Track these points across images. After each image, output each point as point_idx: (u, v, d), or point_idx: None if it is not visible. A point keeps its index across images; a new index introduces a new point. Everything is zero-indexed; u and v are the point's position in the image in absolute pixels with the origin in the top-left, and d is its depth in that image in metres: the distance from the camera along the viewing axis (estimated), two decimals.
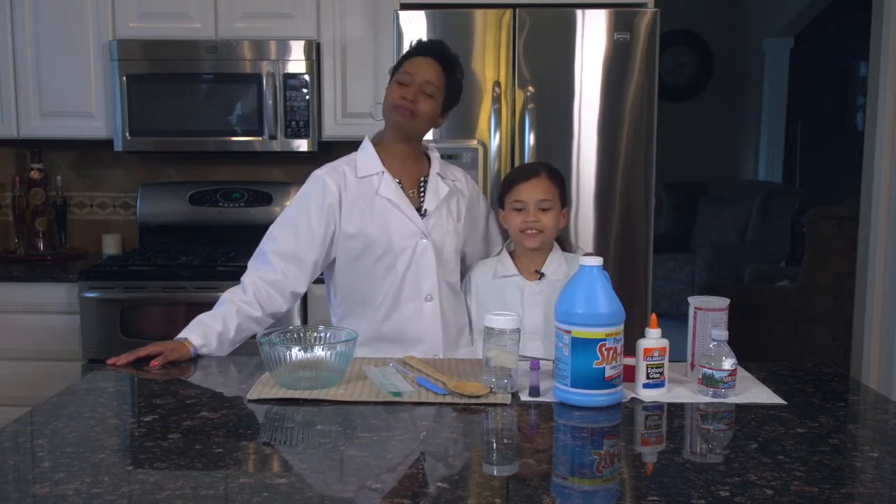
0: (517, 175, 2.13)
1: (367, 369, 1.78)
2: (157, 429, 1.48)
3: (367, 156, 2.10)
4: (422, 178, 2.13)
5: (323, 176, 2.07)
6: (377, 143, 2.12)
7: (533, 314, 2.03)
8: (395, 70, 2.10)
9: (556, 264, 2.08)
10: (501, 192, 2.12)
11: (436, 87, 2.04)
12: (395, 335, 2.07)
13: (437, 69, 2.05)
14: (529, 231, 2.03)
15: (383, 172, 2.07)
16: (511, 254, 2.12)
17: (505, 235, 2.20)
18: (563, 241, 2.20)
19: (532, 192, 2.04)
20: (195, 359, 1.91)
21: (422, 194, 2.11)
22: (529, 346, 1.90)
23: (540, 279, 2.06)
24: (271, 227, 2.09)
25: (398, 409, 1.59)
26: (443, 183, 2.13)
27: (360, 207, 2.05)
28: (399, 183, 2.08)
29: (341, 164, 2.11)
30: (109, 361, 1.86)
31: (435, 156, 2.17)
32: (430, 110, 2.05)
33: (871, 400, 1.75)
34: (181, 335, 1.93)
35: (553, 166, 2.15)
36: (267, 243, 2.06)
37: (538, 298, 2.05)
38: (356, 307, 2.11)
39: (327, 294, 2.21)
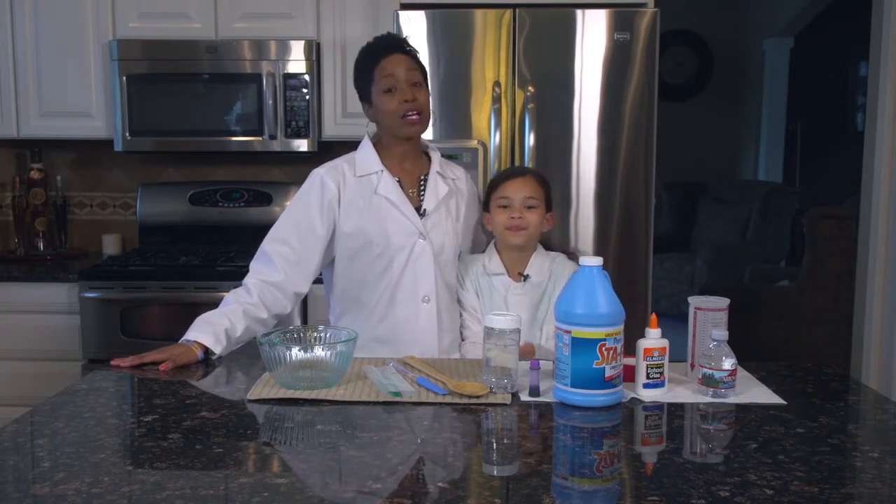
0: (504, 174, 2.17)
1: (367, 369, 1.78)
2: (157, 429, 1.48)
3: (366, 154, 2.09)
4: (422, 177, 2.12)
5: (322, 174, 2.07)
6: (377, 141, 2.12)
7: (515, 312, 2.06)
8: (365, 81, 2.05)
9: (539, 265, 2.10)
10: (487, 193, 2.14)
11: (419, 74, 2.05)
12: (390, 337, 2.06)
13: (408, 59, 2.05)
14: (514, 227, 2.05)
15: (382, 171, 2.07)
16: (497, 252, 2.13)
17: (490, 238, 2.19)
18: (551, 247, 2.22)
19: (519, 189, 2.07)
20: (201, 360, 1.90)
21: (421, 193, 2.10)
22: None
23: (524, 280, 2.09)
24: (273, 228, 2.08)
25: (398, 410, 1.59)
26: (442, 182, 2.12)
27: (357, 206, 2.05)
28: (398, 182, 2.08)
29: (341, 162, 2.10)
30: (114, 362, 1.84)
31: (435, 154, 2.16)
32: (426, 99, 2.06)
33: (871, 400, 1.75)
34: (187, 337, 1.90)
35: (539, 172, 2.18)
36: (269, 244, 2.05)
37: (521, 299, 2.08)
38: (352, 306, 2.11)
39: (326, 291, 2.20)
